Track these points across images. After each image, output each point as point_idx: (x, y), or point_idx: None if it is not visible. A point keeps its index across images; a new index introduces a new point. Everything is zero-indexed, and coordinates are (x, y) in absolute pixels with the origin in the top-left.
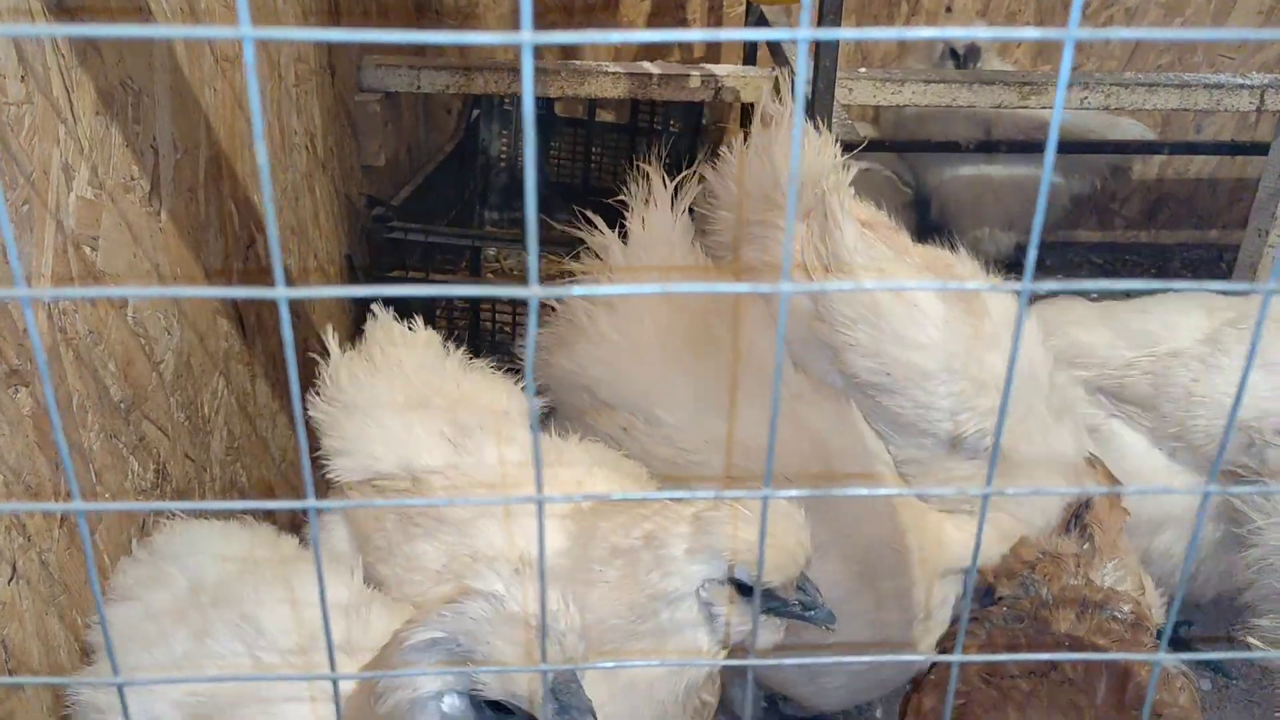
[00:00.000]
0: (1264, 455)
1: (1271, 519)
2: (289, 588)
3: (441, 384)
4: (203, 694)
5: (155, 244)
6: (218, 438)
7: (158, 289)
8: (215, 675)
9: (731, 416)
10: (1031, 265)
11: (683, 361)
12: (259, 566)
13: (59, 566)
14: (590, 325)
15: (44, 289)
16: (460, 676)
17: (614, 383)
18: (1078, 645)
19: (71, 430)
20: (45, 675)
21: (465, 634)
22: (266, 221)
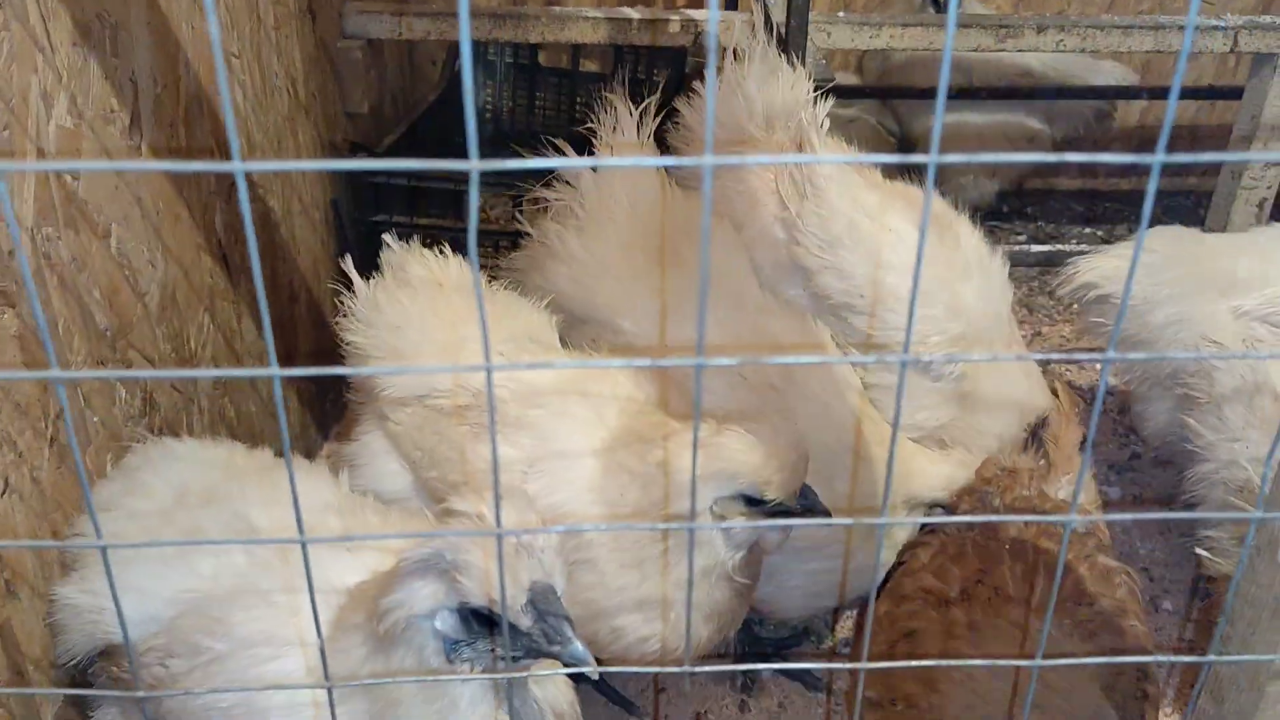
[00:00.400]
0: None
1: (1220, 435)
2: (276, 488)
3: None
4: (198, 590)
5: (137, 177)
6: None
7: (106, 163)
8: (204, 541)
9: (692, 325)
10: (937, 136)
11: (647, 277)
12: (242, 472)
13: (50, 484)
14: (560, 246)
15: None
16: (450, 593)
17: (582, 298)
18: (1021, 547)
19: (59, 353)
20: (42, 587)
21: (450, 548)
22: (221, 96)
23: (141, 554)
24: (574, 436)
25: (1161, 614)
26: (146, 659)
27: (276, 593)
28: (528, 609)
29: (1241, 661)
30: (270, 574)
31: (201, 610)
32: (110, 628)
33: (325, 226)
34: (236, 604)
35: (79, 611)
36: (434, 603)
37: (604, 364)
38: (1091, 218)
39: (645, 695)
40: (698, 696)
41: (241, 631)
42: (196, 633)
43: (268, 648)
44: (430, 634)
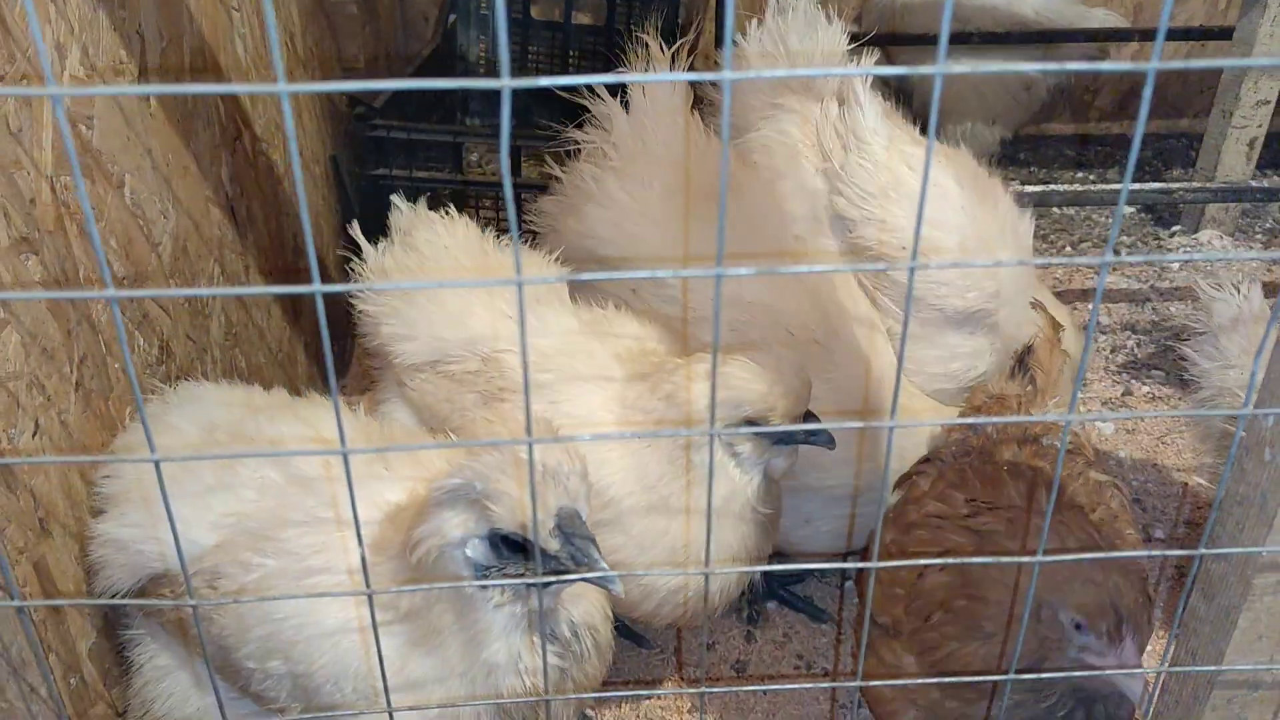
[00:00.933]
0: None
1: (1215, 363)
2: (299, 419)
3: (488, 262)
4: (241, 515)
5: (147, 128)
6: (216, 322)
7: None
8: (245, 452)
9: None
10: (944, 48)
11: (688, 222)
12: (264, 408)
13: (77, 427)
14: (598, 189)
15: (70, 87)
16: (480, 521)
17: (621, 243)
18: (1017, 468)
19: (80, 301)
20: (73, 526)
21: (479, 478)
22: (266, 15)
23: (181, 485)
24: (582, 395)
25: (1154, 543)
26: (194, 583)
27: (319, 507)
28: (555, 533)
29: (1230, 554)
30: (310, 490)
31: (247, 530)
32: (153, 557)
33: (326, 182)
34: (280, 520)
35: (122, 545)
36: (464, 531)
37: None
38: (1083, 162)
39: (654, 628)
40: (706, 630)
41: (290, 546)
42: (245, 551)
43: (318, 558)
44: (461, 562)
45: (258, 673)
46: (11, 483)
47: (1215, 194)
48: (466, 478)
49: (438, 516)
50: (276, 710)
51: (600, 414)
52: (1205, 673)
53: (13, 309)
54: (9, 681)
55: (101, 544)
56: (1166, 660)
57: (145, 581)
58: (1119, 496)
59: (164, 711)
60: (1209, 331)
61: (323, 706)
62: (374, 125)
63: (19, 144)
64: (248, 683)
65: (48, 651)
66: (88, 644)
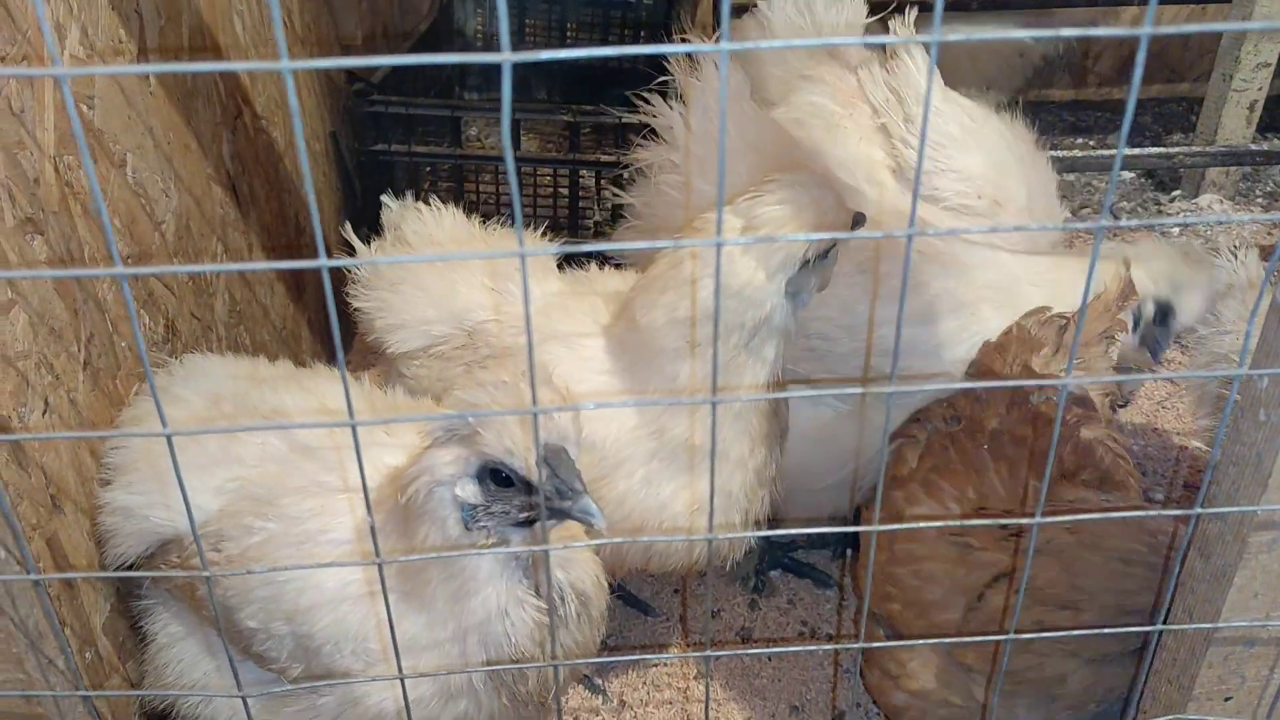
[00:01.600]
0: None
1: (1213, 329)
2: (303, 388)
3: (476, 248)
4: (244, 480)
5: (147, 107)
6: (220, 300)
7: (140, 67)
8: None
9: None
10: (939, 18)
11: None
12: (269, 379)
13: (85, 405)
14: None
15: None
16: (470, 461)
17: None
18: (999, 445)
19: (87, 280)
20: (84, 503)
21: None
22: None
23: (187, 453)
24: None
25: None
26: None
27: (322, 473)
28: (541, 464)
29: (1226, 514)
30: (313, 457)
31: (249, 494)
32: (160, 524)
33: (326, 159)
34: (283, 485)
35: (129, 513)
36: (454, 469)
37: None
38: (1081, 127)
39: (660, 597)
40: (711, 596)
41: (292, 510)
42: (247, 515)
43: (317, 522)
44: (450, 503)
45: (260, 633)
46: (23, 460)
47: (1215, 158)
48: (460, 414)
49: (430, 456)
50: (277, 671)
51: (580, 369)
52: (1202, 630)
53: (20, 289)
54: (27, 654)
55: (110, 512)
56: (1163, 619)
57: (154, 549)
58: (1111, 451)
59: (176, 676)
60: None
61: (322, 668)
62: (372, 101)
63: (21, 125)
64: (250, 644)
65: (63, 626)
66: (101, 618)
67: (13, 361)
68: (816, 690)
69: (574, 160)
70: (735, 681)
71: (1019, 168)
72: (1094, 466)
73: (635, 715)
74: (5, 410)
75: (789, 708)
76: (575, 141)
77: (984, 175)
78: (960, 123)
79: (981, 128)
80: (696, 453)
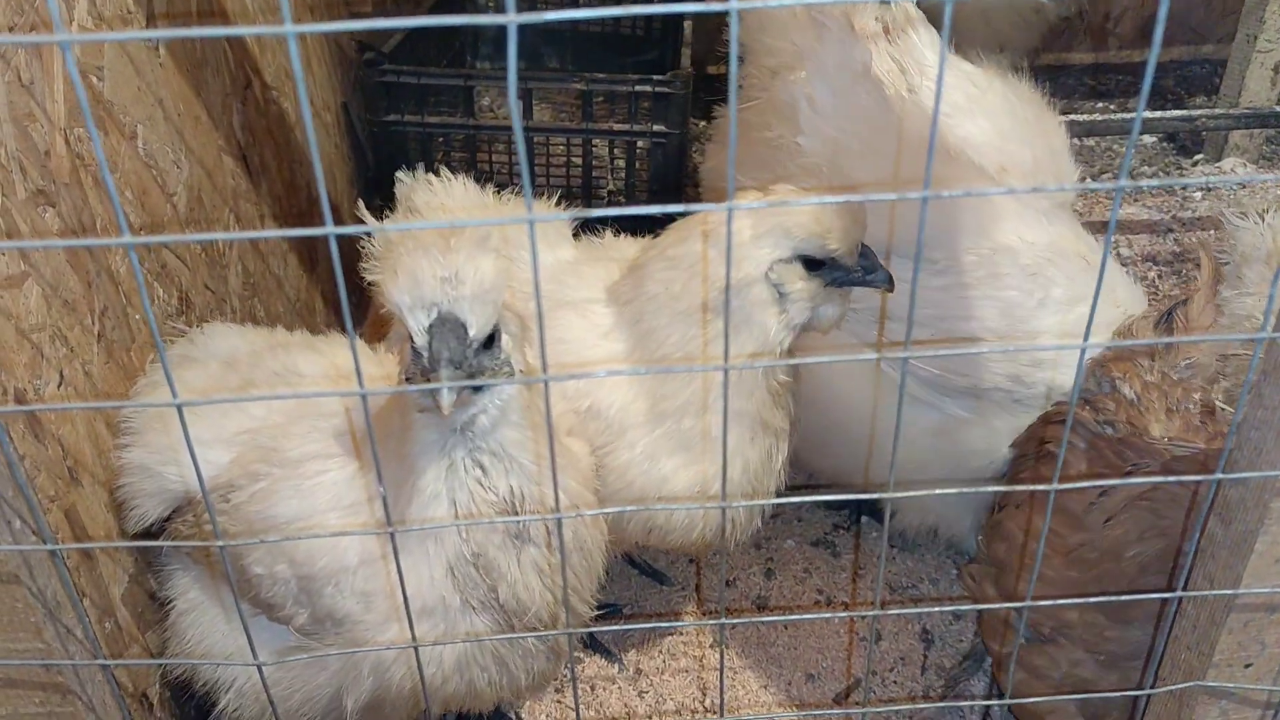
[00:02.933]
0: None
1: (1235, 290)
2: (317, 351)
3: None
4: (252, 431)
5: (157, 78)
6: (234, 272)
7: (145, 33)
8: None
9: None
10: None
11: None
12: (283, 343)
13: (100, 377)
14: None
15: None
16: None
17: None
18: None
19: (100, 252)
20: (101, 475)
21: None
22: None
23: (198, 410)
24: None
25: None
26: (212, 499)
27: (322, 418)
28: (427, 332)
29: (1247, 478)
30: (317, 404)
31: (256, 444)
32: (175, 480)
33: (338, 130)
34: (287, 432)
35: (146, 471)
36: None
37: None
38: (1102, 92)
39: (675, 566)
40: (726, 565)
41: (294, 454)
42: (253, 463)
43: (315, 463)
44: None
45: (266, 579)
46: (40, 433)
47: (1238, 120)
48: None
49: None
50: (284, 620)
51: (591, 335)
52: (1222, 597)
53: (33, 261)
54: (46, 623)
55: (128, 472)
56: (1182, 585)
57: (171, 510)
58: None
59: (195, 642)
60: (1231, 261)
61: (324, 611)
62: (384, 71)
63: (31, 96)
64: (258, 591)
65: (81, 596)
66: (120, 589)
67: (27, 334)
68: (832, 659)
69: (587, 129)
70: (751, 650)
71: (1024, 131)
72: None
73: (651, 684)
74: (21, 382)
75: (805, 676)
76: (588, 110)
77: (988, 142)
78: (964, 91)
79: (985, 94)
80: (695, 430)
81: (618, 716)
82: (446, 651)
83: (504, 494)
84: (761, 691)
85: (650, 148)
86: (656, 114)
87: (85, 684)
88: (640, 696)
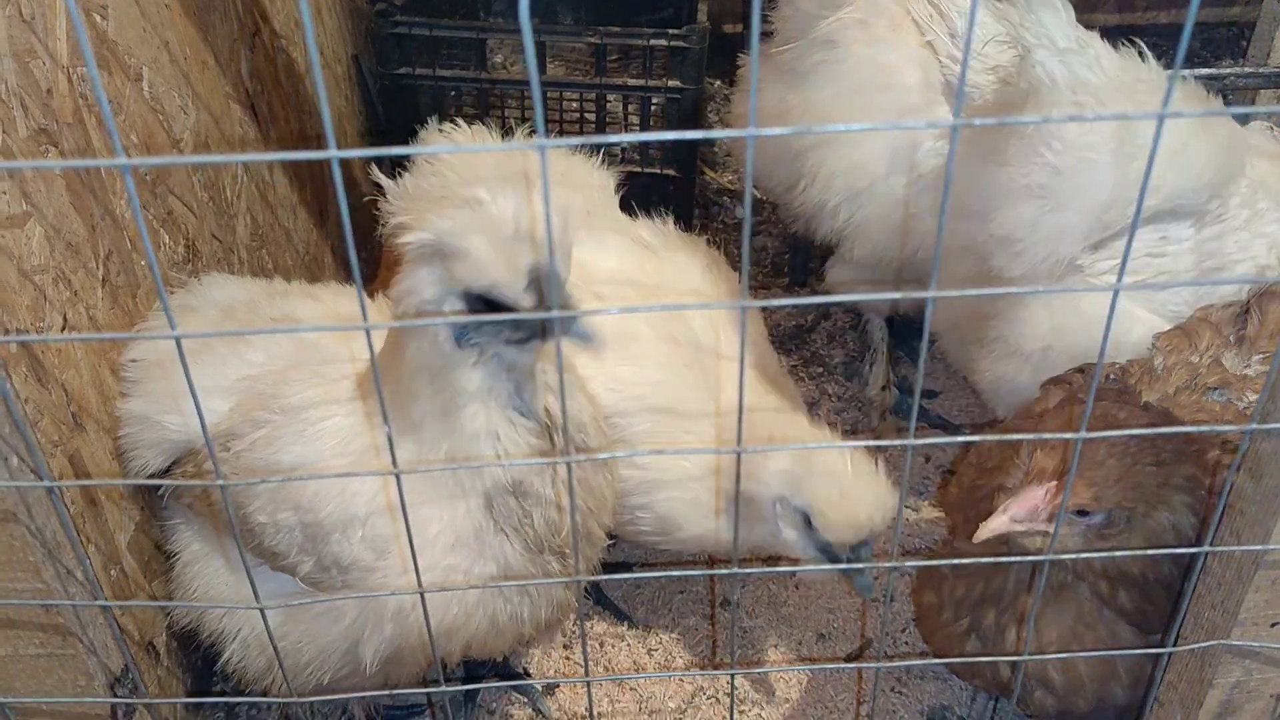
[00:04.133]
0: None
1: None
2: (315, 297)
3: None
4: (253, 378)
5: (163, 20)
6: (242, 223)
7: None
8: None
9: None
10: None
11: None
12: (284, 292)
13: (105, 322)
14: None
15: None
16: (451, 280)
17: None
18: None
19: (104, 195)
20: (106, 421)
21: (448, 234)
22: None
23: (198, 357)
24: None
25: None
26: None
27: (324, 363)
28: (531, 290)
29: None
30: (316, 350)
31: (257, 390)
32: (175, 430)
33: (349, 82)
34: (287, 379)
35: (146, 420)
36: (440, 288)
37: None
38: None
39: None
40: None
41: (295, 400)
42: (254, 410)
43: (317, 409)
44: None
45: (269, 527)
46: (43, 377)
47: (1267, 79)
48: (435, 233)
49: (413, 275)
50: (289, 569)
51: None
52: (1250, 553)
53: (35, 202)
54: (45, 563)
55: (128, 422)
56: (1209, 541)
57: (172, 461)
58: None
59: (201, 592)
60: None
61: (331, 559)
62: (395, 22)
63: (32, 32)
64: (261, 540)
65: (86, 543)
66: (126, 537)
67: (29, 275)
68: (843, 619)
69: (601, 84)
70: (761, 610)
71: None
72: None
73: (660, 641)
74: (23, 324)
75: (816, 635)
76: (602, 65)
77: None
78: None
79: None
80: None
81: (627, 672)
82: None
83: (541, 417)
84: (772, 651)
85: (665, 104)
86: (672, 69)
87: (86, 626)
88: (649, 654)
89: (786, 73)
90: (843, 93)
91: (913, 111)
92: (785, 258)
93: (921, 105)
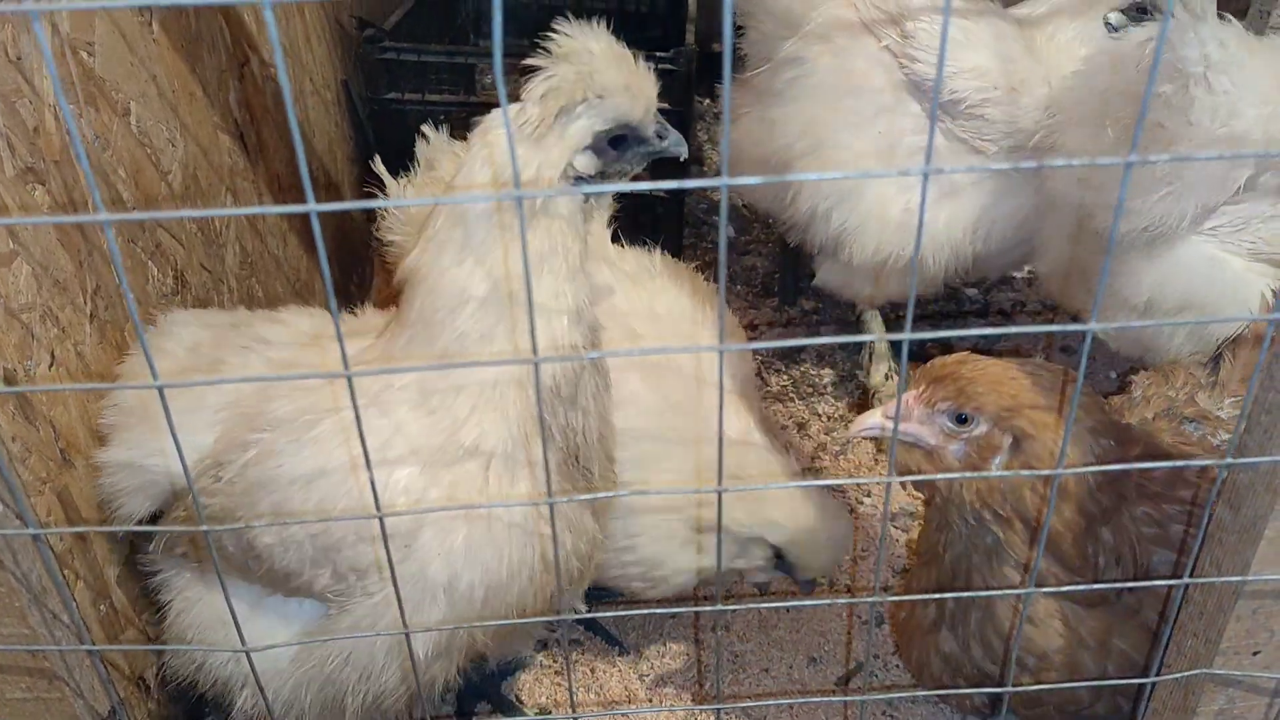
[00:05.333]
0: None
1: None
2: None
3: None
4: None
5: (150, 54)
6: (231, 251)
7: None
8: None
9: None
10: None
11: None
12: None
13: (92, 357)
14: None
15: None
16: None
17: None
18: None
19: (91, 232)
20: (92, 457)
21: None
22: None
23: (176, 394)
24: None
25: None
26: (202, 483)
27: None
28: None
29: (1258, 463)
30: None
31: (240, 413)
32: (159, 471)
33: (338, 108)
34: (269, 395)
35: (130, 467)
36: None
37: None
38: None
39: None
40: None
41: (282, 412)
42: (241, 434)
43: (306, 417)
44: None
45: (277, 547)
46: (31, 414)
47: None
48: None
49: (546, 146)
50: (303, 587)
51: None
52: (1230, 583)
53: (22, 240)
54: (30, 608)
55: (110, 471)
56: (1189, 572)
57: (159, 506)
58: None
59: (197, 641)
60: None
61: (347, 564)
62: (384, 48)
63: (19, 71)
64: (271, 563)
65: (75, 579)
66: (115, 571)
67: (16, 314)
68: (833, 642)
69: None
70: (752, 634)
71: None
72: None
73: (652, 666)
74: (11, 363)
75: (806, 659)
76: None
77: (995, 66)
78: (958, 25)
79: (977, 24)
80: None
81: (618, 699)
82: (518, 510)
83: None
84: (763, 675)
85: None
86: (660, 91)
87: (73, 669)
88: (640, 680)
89: (764, 93)
90: (818, 103)
91: (886, 110)
92: (775, 277)
93: (893, 103)
